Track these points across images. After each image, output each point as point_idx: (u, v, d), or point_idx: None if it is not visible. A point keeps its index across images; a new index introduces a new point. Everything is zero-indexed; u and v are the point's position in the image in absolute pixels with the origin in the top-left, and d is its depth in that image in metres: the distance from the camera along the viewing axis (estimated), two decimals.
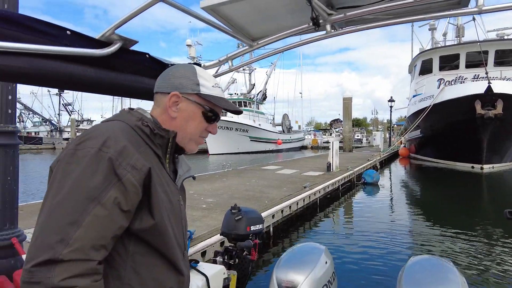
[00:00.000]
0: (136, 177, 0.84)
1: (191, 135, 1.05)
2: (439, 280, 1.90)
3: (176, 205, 1.00)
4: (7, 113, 2.21)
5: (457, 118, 16.14)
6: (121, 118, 0.96)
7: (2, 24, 1.10)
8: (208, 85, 1.05)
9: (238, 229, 2.46)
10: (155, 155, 0.95)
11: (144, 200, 0.87)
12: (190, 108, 1.03)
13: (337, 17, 1.86)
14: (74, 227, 0.74)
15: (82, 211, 0.76)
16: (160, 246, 0.90)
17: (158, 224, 0.88)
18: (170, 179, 1.01)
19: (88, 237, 0.75)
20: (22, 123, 48.01)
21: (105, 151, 0.81)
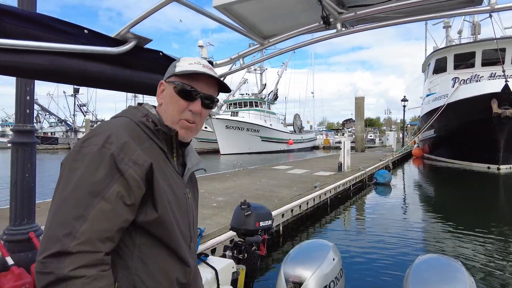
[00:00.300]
0: (138, 172, 0.86)
1: (171, 118, 1.02)
2: (446, 279, 1.89)
3: (182, 198, 1.02)
4: (25, 113, 2.31)
5: (473, 117, 15.78)
6: (126, 114, 1.00)
7: (24, 23, 1.17)
8: (184, 64, 1.04)
9: (247, 224, 2.50)
10: (160, 149, 0.98)
11: (147, 194, 0.89)
12: (169, 90, 1.04)
13: (347, 16, 1.87)
14: (80, 221, 0.78)
15: (87, 206, 0.80)
16: (165, 238, 0.92)
17: (161, 217, 0.90)
18: (176, 172, 1.03)
19: (94, 230, 0.79)
20: (39, 123, 49.31)
21: (107, 147, 0.85)
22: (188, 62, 1.05)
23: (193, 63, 1.04)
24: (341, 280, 2.32)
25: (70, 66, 1.27)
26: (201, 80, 1.03)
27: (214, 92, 1.09)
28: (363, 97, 27.20)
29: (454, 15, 1.67)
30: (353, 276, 4.36)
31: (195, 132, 1.07)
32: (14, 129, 2.25)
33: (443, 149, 21.03)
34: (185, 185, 1.06)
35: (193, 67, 1.03)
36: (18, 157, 2.20)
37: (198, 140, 35.80)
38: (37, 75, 1.37)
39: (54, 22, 1.25)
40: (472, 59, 19.93)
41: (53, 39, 1.22)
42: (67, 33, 1.28)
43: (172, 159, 1.03)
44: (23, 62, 1.17)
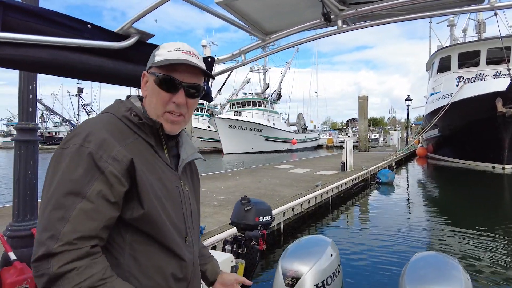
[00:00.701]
0: (118, 169, 0.84)
1: (155, 110, 0.99)
2: (442, 276, 1.89)
3: (173, 191, 0.99)
4: (28, 111, 2.34)
5: (477, 116, 15.67)
6: (110, 110, 0.98)
7: (28, 17, 1.18)
8: (163, 51, 0.99)
9: (247, 219, 2.51)
10: (147, 143, 0.96)
11: (132, 191, 0.87)
12: (150, 82, 1.00)
13: (348, 13, 1.88)
14: (62, 223, 0.78)
15: (68, 207, 0.79)
16: (155, 233, 0.90)
17: (148, 213, 0.88)
18: (167, 165, 1.00)
19: (77, 231, 0.78)
20: (43, 123, 49.66)
21: (86, 146, 0.84)
22: (167, 50, 0.98)
23: (172, 50, 0.98)
24: (339, 276, 2.33)
25: (73, 60, 1.29)
26: (183, 69, 0.97)
27: (198, 80, 1.03)
28: (366, 96, 27.10)
29: (455, 13, 1.67)
30: (352, 272, 4.37)
31: (183, 124, 1.03)
32: (17, 127, 2.29)
33: (447, 149, 20.91)
34: (178, 177, 1.03)
35: (172, 55, 0.97)
36: (21, 154, 2.23)
37: (201, 140, 35.86)
38: (41, 68, 1.39)
39: (58, 16, 1.27)
40: (477, 57, 19.78)
41: (56, 34, 1.23)
42: (70, 27, 1.29)
43: (162, 152, 1.01)
44: (27, 55, 1.18)
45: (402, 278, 2.03)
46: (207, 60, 1.92)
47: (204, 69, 1.01)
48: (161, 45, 1.03)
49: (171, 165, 1.02)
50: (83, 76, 1.45)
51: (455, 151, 19.80)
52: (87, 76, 1.45)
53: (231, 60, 2.23)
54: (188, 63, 0.96)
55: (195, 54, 1.00)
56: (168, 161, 1.01)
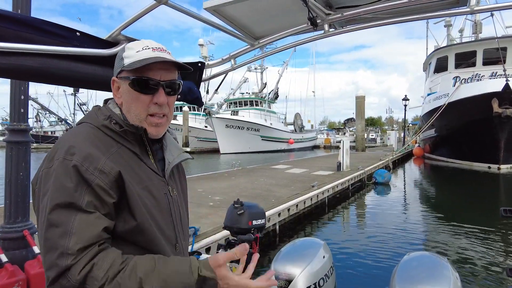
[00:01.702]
0: (105, 181, 0.83)
1: (137, 116, 0.95)
2: (431, 275, 1.93)
3: (162, 199, 0.97)
4: (20, 112, 2.35)
5: (473, 117, 15.75)
6: (88, 120, 0.95)
7: (18, 26, 1.20)
8: (131, 53, 0.94)
9: (240, 223, 2.52)
10: (131, 152, 0.93)
11: (122, 202, 0.86)
12: (124, 87, 0.95)
13: (334, 17, 1.91)
14: (66, 238, 0.77)
15: (66, 221, 0.78)
16: (146, 244, 0.89)
17: (140, 224, 0.87)
18: (154, 172, 0.97)
19: (83, 240, 0.77)
20: (39, 122, 49.39)
21: (69, 158, 0.82)
22: (135, 50, 0.93)
23: (141, 49, 0.93)
24: (331, 277, 2.36)
25: (63, 68, 1.30)
26: (157, 67, 0.92)
27: (174, 75, 0.98)
28: (363, 96, 27.16)
29: (437, 16, 1.71)
30: (345, 273, 4.41)
31: (166, 125, 1.01)
32: (9, 128, 2.29)
33: (444, 149, 20.99)
34: (166, 183, 1.01)
35: (142, 54, 0.92)
36: (13, 155, 2.24)
37: (198, 140, 35.84)
38: (30, 77, 1.40)
39: (46, 25, 1.28)
40: (473, 58, 19.87)
41: (45, 42, 1.25)
42: (59, 35, 1.30)
43: (148, 158, 0.98)
44: (16, 64, 1.19)
45: (393, 278, 2.07)
46: (197, 65, 1.94)
47: (178, 62, 0.96)
48: (126, 46, 0.97)
49: (157, 171, 0.99)
50: (73, 84, 1.46)
51: (451, 151, 19.89)
52: (77, 84, 1.47)
53: (221, 64, 2.26)
54: (163, 60, 0.92)
55: (165, 49, 0.96)
56: (155, 167, 0.98)
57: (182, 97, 1.81)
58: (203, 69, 2.00)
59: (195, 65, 1.93)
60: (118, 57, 0.97)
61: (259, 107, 36.57)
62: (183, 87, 1.07)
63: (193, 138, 35.04)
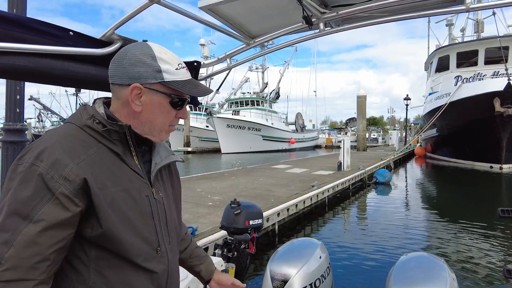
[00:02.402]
0: (70, 189, 0.80)
1: (160, 127, 0.97)
2: (428, 276, 1.91)
3: (142, 201, 0.94)
4: (16, 112, 2.34)
5: (475, 116, 15.69)
6: (72, 120, 0.94)
7: (10, 26, 1.19)
8: (171, 69, 0.94)
9: (237, 223, 2.52)
10: (112, 152, 0.91)
11: (90, 208, 0.84)
12: (156, 99, 0.94)
13: (329, 16, 1.89)
14: (6, 247, 0.74)
15: (14, 230, 0.75)
16: (118, 250, 0.87)
17: (106, 231, 0.85)
18: (135, 173, 0.95)
19: (21, 257, 0.74)
20: (41, 122, 49.51)
21: (37, 164, 0.80)
22: (174, 66, 0.94)
23: (179, 68, 0.95)
24: (328, 278, 2.34)
25: (55, 67, 1.29)
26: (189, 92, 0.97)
27: None
28: (365, 96, 27.12)
29: (433, 15, 1.69)
30: (342, 274, 4.40)
31: None
32: (4, 128, 2.29)
33: (445, 148, 20.94)
34: (149, 185, 0.98)
35: (182, 73, 0.96)
36: (8, 155, 2.25)
37: (199, 139, 35.88)
38: (23, 76, 1.39)
39: (39, 24, 1.27)
40: (475, 57, 19.81)
41: (38, 41, 1.24)
42: (52, 35, 1.29)
43: (131, 159, 0.95)
44: (8, 64, 1.18)
45: (389, 279, 2.06)
46: (193, 65, 1.93)
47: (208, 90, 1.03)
48: (158, 55, 0.93)
49: (141, 173, 0.96)
50: (66, 83, 1.45)
51: (453, 151, 19.83)
52: (70, 83, 1.45)
53: (217, 64, 2.25)
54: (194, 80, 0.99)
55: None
56: (138, 168, 0.96)
57: None
58: (199, 68, 1.99)
59: (191, 65, 1.92)
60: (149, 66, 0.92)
61: (260, 106, 36.58)
62: None
63: (194, 138, 35.08)
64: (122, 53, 0.94)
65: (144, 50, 0.93)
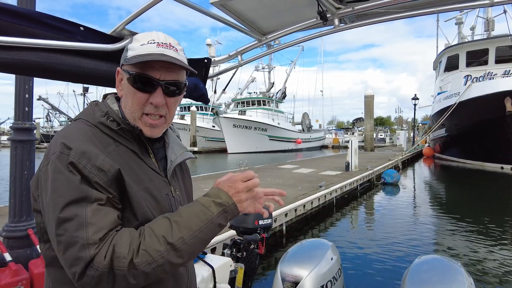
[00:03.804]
0: (104, 180, 0.78)
1: (132, 113, 0.89)
2: (444, 280, 1.85)
3: (163, 200, 0.92)
4: (24, 111, 2.34)
5: (485, 116, 15.44)
6: (84, 116, 0.90)
7: (21, 21, 1.17)
8: (136, 45, 0.87)
9: (246, 222, 2.48)
10: (130, 150, 0.88)
11: (123, 201, 0.82)
12: (124, 80, 0.89)
13: (345, 11, 1.84)
14: (82, 230, 0.73)
15: (78, 214, 0.74)
16: None
17: (143, 222, 0.83)
18: (155, 172, 0.92)
19: (102, 228, 0.74)
20: (49, 122, 50.11)
21: (66, 153, 0.77)
22: (140, 43, 0.87)
23: (146, 43, 0.86)
24: (339, 280, 2.29)
25: (66, 63, 1.28)
26: (159, 64, 0.86)
27: (178, 75, 0.91)
28: (372, 95, 26.88)
29: (454, 9, 1.63)
30: (353, 276, 4.34)
31: (164, 126, 0.94)
32: (13, 126, 2.29)
33: (454, 149, 20.66)
34: (167, 183, 0.96)
35: (145, 48, 0.85)
36: (17, 154, 2.24)
37: (205, 139, 35.96)
38: (33, 72, 1.38)
39: (50, 19, 1.25)
40: (485, 56, 19.49)
41: (49, 37, 1.22)
42: (63, 30, 1.28)
43: (148, 157, 0.93)
44: (19, 59, 1.17)
45: (403, 282, 1.99)
46: (204, 62, 1.90)
47: (183, 63, 0.89)
48: (134, 37, 0.91)
49: (159, 171, 0.94)
50: (76, 79, 1.43)
51: (462, 151, 19.55)
52: (80, 79, 1.44)
53: (228, 61, 2.21)
54: (164, 59, 0.84)
55: (173, 46, 0.89)
56: (156, 166, 0.93)
57: (188, 94, 1.77)
58: (209, 65, 1.96)
59: (201, 62, 1.90)
60: (126, 49, 0.91)
61: (266, 106, 36.53)
62: (189, 84, 1.03)
63: (200, 137, 35.18)
64: None
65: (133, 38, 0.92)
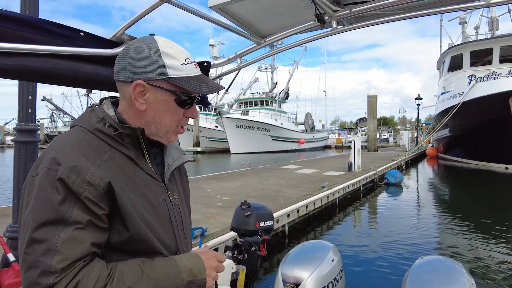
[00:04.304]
0: (94, 194, 0.77)
1: (167, 127, 0.92)
2: (445, 281, 1.85)
3: (161, 206, 0.92)
4: (28, 113, 2.37)
5: (489, 116, 15.33)
6: (80, 123, 0.89)
7: (22, 27, 1.19)
8: (177, 64, 0.88)
9: (248, 224, 2.49)
10: (125, 157, 0.88)
11: (114, 213, 0.81)
12: (160, 97, 0.89)
13: (342, 14, 1.85)
14: (49, 255, 0.71)
15: (50, 238, 0.72)
16: (144, 254, 0.85)
17: (134, 235, 0.82)
18: (151, 177, 0.92)
19: (67, 258, 0.72)
20: (53, 122, 50.47)
21: (54, 168, 0.76)
22: (180, 62, 0.87)
23: (185, 63, 0.88)
24: (341, 281, 2.29)
25: (66, 68, 1.29)
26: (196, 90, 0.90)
27: None
28: (375, 95, 26.79)
29: (450, 11, 1.63)
30: (355, 277, 4.33)
31: None
32: (17, 128, 2.33)
33: (458, 149, 20.52)
34: (165, 188, 0.95)
35: (189, 69, 0.89)
36: (20, 155, 2.27)
37: (208, 139, 36.02)
38: (34, 77, 1.40)
39: (50, 25, 1.27)
40: (490, 56, 19.34)
41: (49, 42, 1.24)
42: (62, 35, 1.30)
43: (145, 162, 0.92)
44: (19, 64, 1.18)
45: (404, 283, 2.00)
46: (203, 65, 1.92)
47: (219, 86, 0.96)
48: (162, 49, 0.87)
49: (156, 176, 0.93)
50: (77, 84, 1.45)
51: (466, 152, 19.42)
52: (81, 84, 1.46)
53: (227, 63, 2.23)
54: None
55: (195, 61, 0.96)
56: (152, 171, 0.93)
57: None
58: (209, 68, 1.97)
59: (201, 65, 1.91)
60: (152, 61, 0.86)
61: (269, 107, 36.52)
62: None
63: (203, 138, 35.25)
64: (126, 48, 0.90)
65: (148, 44, 0.88)
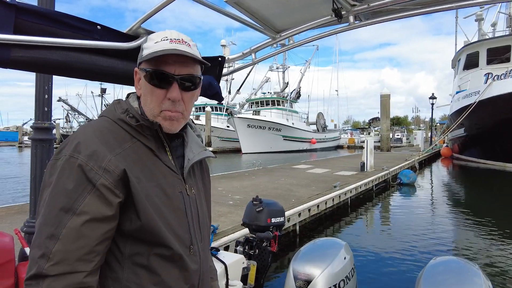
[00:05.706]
0: (110, 180, 0.80)
1: (151, 111, 0.92)
2: (460, 282, 1.80)
3: (176, 197, 0.93)
4: (44, 111, 2.43)
5: (507, 115, 14.91)
6: (106, 113, 0.93)
7: (41, 20, 1.21)
8: (150, 43, 0.90)
9: (259, 220, 2.49)
10: (146, 147, 0.90)
11: (128, 201, 0.83)
12: (142, 80, 0.92)
13: (360, 8, 1.82)
14: (52, 241, 0.74)
15: (58, 224, 0.75)
16: (155, 245, 0.86)
17: (145, 225, 0.83)
18: (170, 169, 0.93)
19: (68, 250, 0.74)
20: (69, 123, 51.53)
21: (75, 156, 0.79)
22: (154, 41, 0.89)
23: (159, 41, 0.89)
24: (352, 279, 2.27)
25: (84, 61, 1.31)
26: (173, 60, 0.88)
27: (193, 70, 0.93)
28: (388, 95, 26.38)
29: (473, 5, 1.58)
30: (367, 276, 4.28)
31: (182, 121, 0.96)
32: (33, 126, 2.39)
33: (474, 149, 20.03)
34: (182, 181, 0.96)
35: (159, 46, 0.88)
36: (37, 152, 2.34)
37: (220, 139, 36.17)
38: (52, 69, 1.42)
39: (68, 18, 1.29)
40: (507, 53, 18.80)
41: (67, 35, 1.26)
42: (80, 29, 1.32)
43: (165, 155, 0.94)
44: (39, 57, 1.21)
45: (418, 283, 1.96)
46: (217, 60, 1.92)
47: (196, 56, 0.91)
48: (149, 36, 0.94)
49: (174, 169, 0.95)
50: (93, 77, 1.47)
51: (482, 152, 18.94)
52: (97, 77, 1.48)
53: (242, 59, 2.22)
54: (175, 52, 0.86)
55: (186, 41, 0.91)
56: (172, 164, 0.94)
57: (202, 92, 1.79)
58: (223, 63, 1.97)
59: (215, 60, 1.91)
60: (140, 48, 0.95)
61: (281, 106, 36.41)
62: (203, 82, 1.03)
63: (215, 138, 35.42)
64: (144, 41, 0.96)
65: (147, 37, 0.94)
